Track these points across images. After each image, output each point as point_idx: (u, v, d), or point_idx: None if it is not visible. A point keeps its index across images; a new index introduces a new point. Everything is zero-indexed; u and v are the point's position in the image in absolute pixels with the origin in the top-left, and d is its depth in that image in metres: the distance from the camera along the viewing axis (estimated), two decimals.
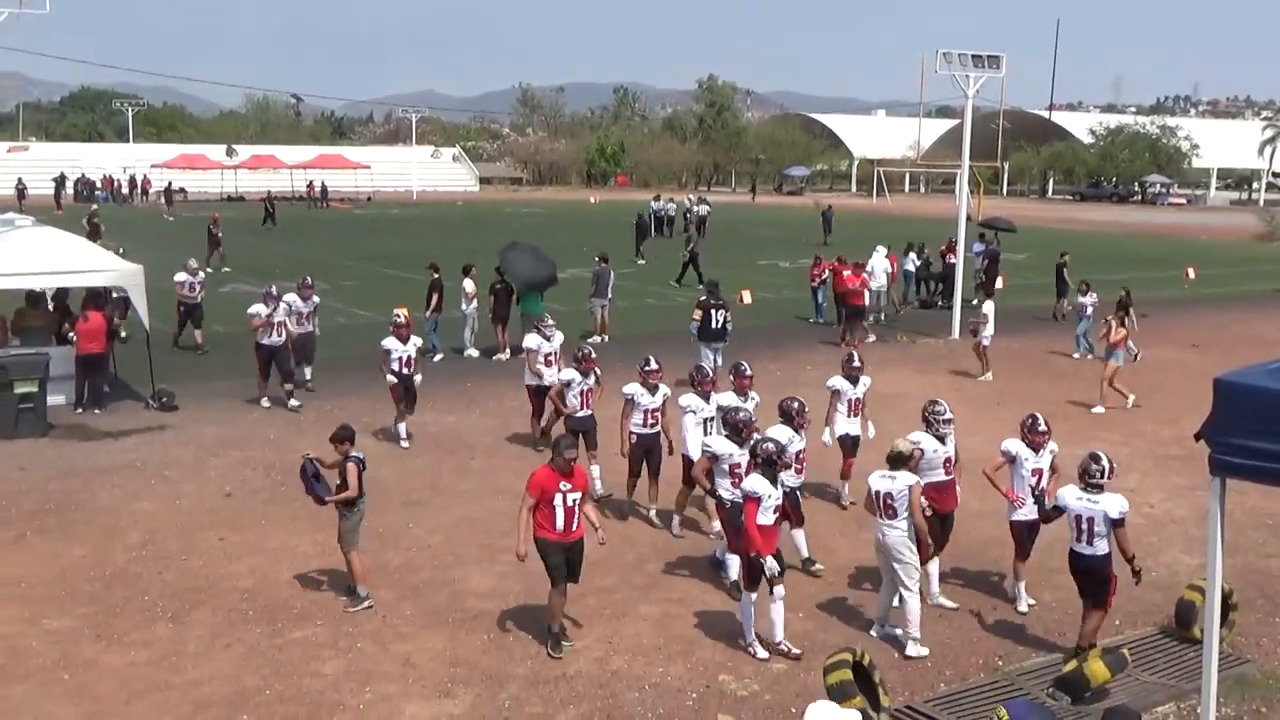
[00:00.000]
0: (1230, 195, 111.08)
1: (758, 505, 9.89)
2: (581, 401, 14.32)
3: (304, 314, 20.01)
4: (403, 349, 16.46)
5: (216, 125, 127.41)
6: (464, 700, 9.27)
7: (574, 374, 14.40)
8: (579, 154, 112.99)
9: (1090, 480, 9.79)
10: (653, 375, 13.39)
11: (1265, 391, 4.33)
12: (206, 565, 11.99)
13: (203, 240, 37.51)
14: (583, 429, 13.98)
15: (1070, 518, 9.87)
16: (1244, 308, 32.99)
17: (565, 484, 9.92)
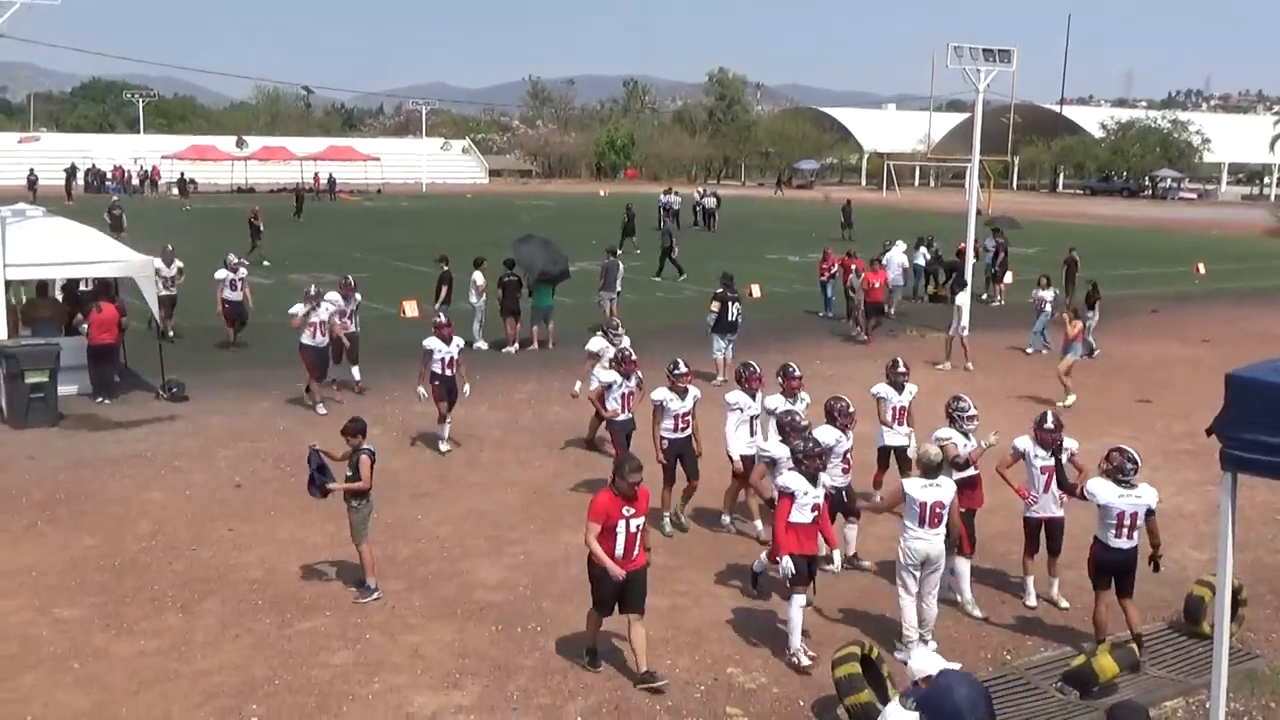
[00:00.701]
0: (1242, 190, 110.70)
1: (791, 502, 9.77)
2: (623, 404, 13.96)
3: (347, 313, 19.40)
4: (446, 349, 15.84)
5: (227, 116, 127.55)
6: (472, 691, 9.28)
7: (615, 376, 14.09)
8: (589, 147, 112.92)
9: (1124, 478, 9.77)
10: (682, 379, 12.92)
11: (1277, 387, 4.31)
12: (216, 555, 12.02)
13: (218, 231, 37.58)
14: (625, 433, 13.80)
15: (1111, 515, 9.81)
16: (1255, 303, 32.90)
17: (629, 509, 9.27)
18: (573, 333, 24.59)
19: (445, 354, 15.81)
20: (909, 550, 9.89)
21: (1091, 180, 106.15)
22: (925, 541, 9.89)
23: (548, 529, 13.07)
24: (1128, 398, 20.15)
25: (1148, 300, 32.72)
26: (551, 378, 20.48)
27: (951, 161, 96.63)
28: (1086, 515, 12.81)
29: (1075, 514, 11.37)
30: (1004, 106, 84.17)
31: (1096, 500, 9.86)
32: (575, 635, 10.28)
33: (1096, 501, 9.86)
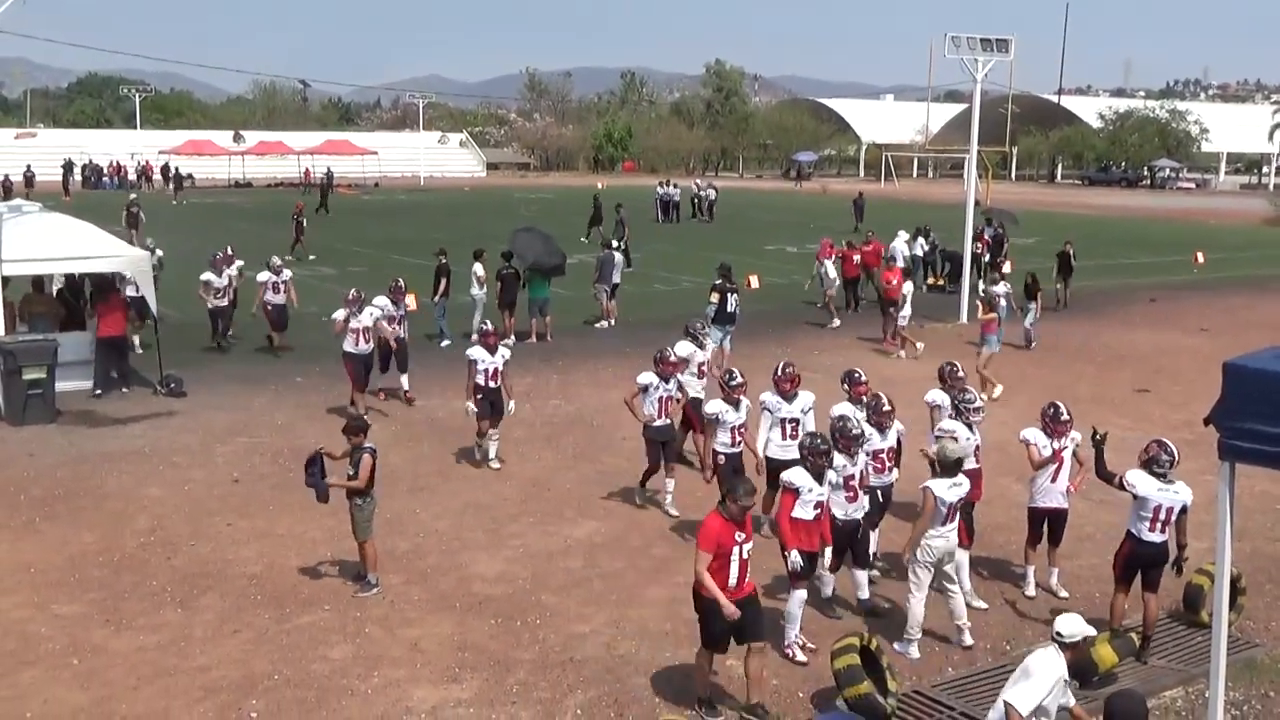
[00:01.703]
0: (1240, 179, 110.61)
1: (795, 498, 9.70)
2: (660, 409, 13.21)
3: (396, 318, 18.36)
4: (490, 359, 14.60)
5: (224, 111, 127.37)
6: (472, 685, 9.28)
7: (651, 378, 13.24)
8: (586, 139, 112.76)
9: (1159, 470, 9.76)
10: (737, 390, 12.33)
11: (1275, 376, 4.30)
12: (214, 551, 12.02)
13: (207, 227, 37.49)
14: (662, 440, 13.20)
15: (1148, 507, 9.78)
16: (1253, 292, 32.88)
17: (740, 534, 8.61)
18: (570, 326, 24.62)
19: (489, 364, 14.60)
20: (929, 548, 9.84)
21: (1090, 171, 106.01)
22: (944, 539, 9.90)
23: (547, 522, 13.07)
24: (1126, 387, 20.14)
25: (1146, 289, 32.72)
26: (549, 370, 20.48)
27: (950, 152, 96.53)
28: (1086, 507, 12.85)
29: (1074, 505, 11.36)
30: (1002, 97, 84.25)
31: (1135, 491, 9.81)
32: (574, 628, 10.29)
33: (1135, 493, 9.81)
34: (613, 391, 18.99)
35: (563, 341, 23.11)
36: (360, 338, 17.00)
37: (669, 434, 13.30)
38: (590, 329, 25.06)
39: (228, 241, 26.16)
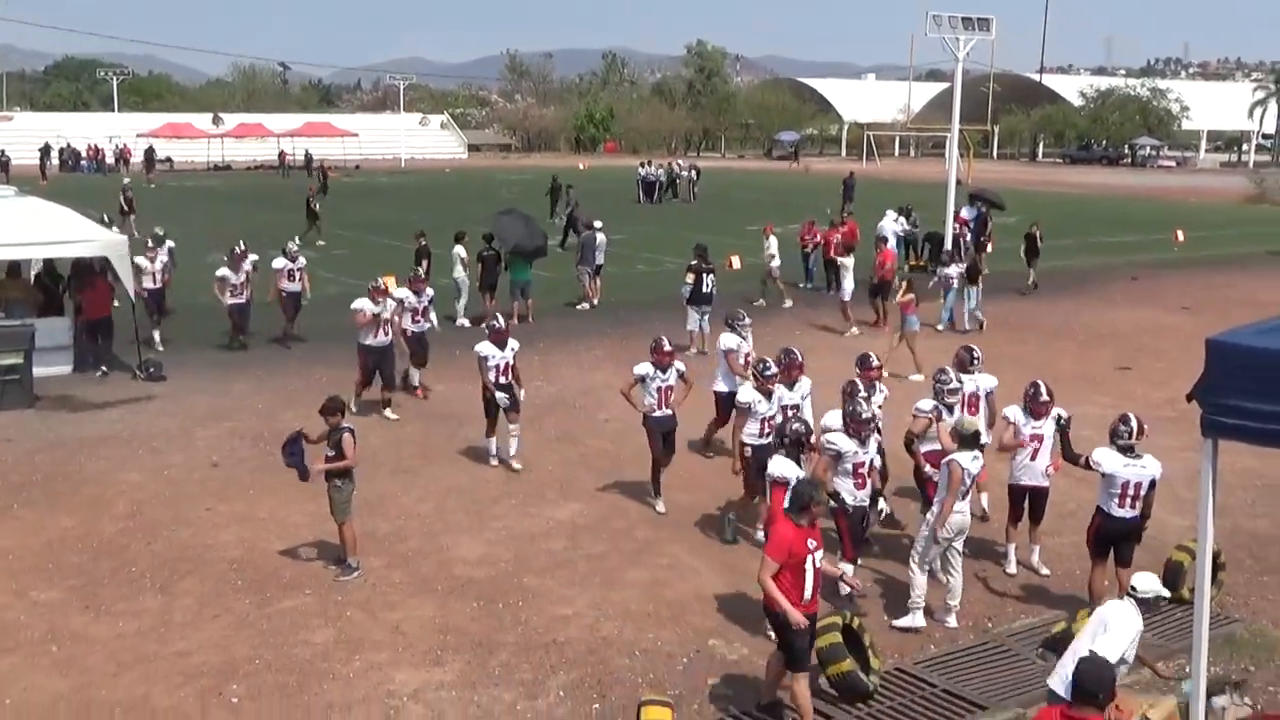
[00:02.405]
0: (1220, 157, 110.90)
1: (786, 490, 9.49)
2: (660, 399, 12.68)
3: (418, 310, 17.67)
4: (500, 355, 14.05)
5: (203, 94, 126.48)
6: (454, 668, 9.26)
7: (647, 368, 12.72)
8: (568, 120, 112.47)
9: (1120, 441, 9.79)
10: (771, 380, 11.82)
11: (1257, 351, 4.29)
12: (194, 535, 11.95)
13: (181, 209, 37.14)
14: (663, 430, 12.77)
15: (1116, 484, 9.83)
16: (1234, 269, 32.98)
17: (812, 540, 8.14)
18: (552, 308, 24.55)
19: (500, 359, 14.05)
20: (949, 524, 9.85)
21: (1071, 149, 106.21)
22: (962, 514, 9.95)
23: (529, 504, 13.03)
24: (1108, 365, 20.20)
25: (1127, 268, 32.78)
26: (530, 352, 20.37)
27: (931, 131, 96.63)
28: (1067, 484, 12.87)
29: (1055, 482, 11.38)
30: (983, 76, 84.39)
31: (1102, 469, 9.87)
32: (556, 610, 10.27)
33: (1101, 471, 9.87)
34: (595, 374, 19.00)
35: (544, 323, 23.04)
36: (380, 330, 16.33)
37: (670, 424, 12.81)
38: (572, 310, 25.00)
39: (207, 226, 26.03)
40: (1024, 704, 8.65)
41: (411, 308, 17.43)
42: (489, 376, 13.96)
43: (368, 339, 16.24)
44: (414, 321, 17.48)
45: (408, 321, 17.26)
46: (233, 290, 20.38)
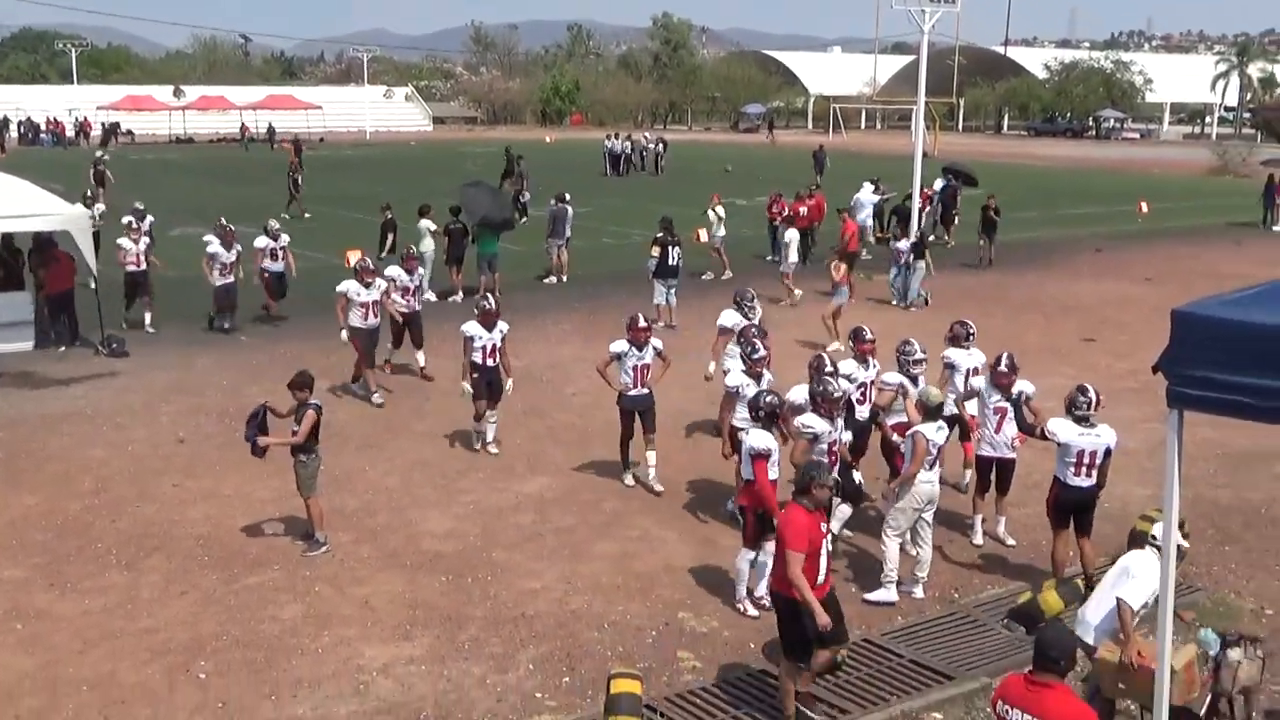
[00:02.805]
0: (1183, 129, 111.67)
1: (767, 461, 9.60)
2: (636, 378, 12.40)
3: (410, 289, 17.17)
4: (487, 336, 13.52)
5: (163, 66, 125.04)
6: (423, 642, 9.25)
7: (623, 345, 12.43)
8: (533, 93, 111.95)
9: (1078, 412, 9.86)
10: (759, 363, 11.54)
11: (1223, 323, 4.32)
12: (160, 512, 11.87)
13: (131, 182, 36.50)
14: (638, 409, 12.49)
15: (1071, 453, 9.89)
16: (1197, 241, 33.25)
17: (824, 524, 8.00)
18: (519, 281, 24.47)
19: (487, 341, 13.54)
20: (918, 494, 9.90)
21: (1035, 122, 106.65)
22: (931, 484, 9.99)
23: (497, 478, 13.02)
24: (1072, 336, 20.34)
25: (1092, 240, 32.99)
26: None
27: (897, 104, 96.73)
28: (1033, 455, 12.97)
29: (1021, 454, 11.46)
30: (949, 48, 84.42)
31: (1057, 439, 9.93)
32: (525, 584, 10.28)
33: (1057, 440, 9.93)
34: (562, 348, 18.97)
35: (512, 297, 22.93)
36: (370, 312, 15.82)
37: (646, 403, 12.49)
38: (539, 284, 24.93)
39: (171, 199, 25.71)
40: (990, 674, 8.73)
41: (403, 286, 16.93)
42: (474, 358, 13.48)
43: (358, 322, 15.75)
44: (405, 301, 16.93)
45: (399, 300, 16.77)
46: (222, 269, 19.51)
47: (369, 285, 15.85)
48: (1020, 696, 5.74)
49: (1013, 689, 5.81)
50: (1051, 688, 5.71)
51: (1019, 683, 5.80)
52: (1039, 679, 5.74)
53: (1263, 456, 14.00)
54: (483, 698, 8.46)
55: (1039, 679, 5.74)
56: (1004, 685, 5.89)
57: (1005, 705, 5.77)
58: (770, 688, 8.52)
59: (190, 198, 38.88)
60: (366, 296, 15.78)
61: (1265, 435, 14.32)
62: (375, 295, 15.93)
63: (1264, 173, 39.70)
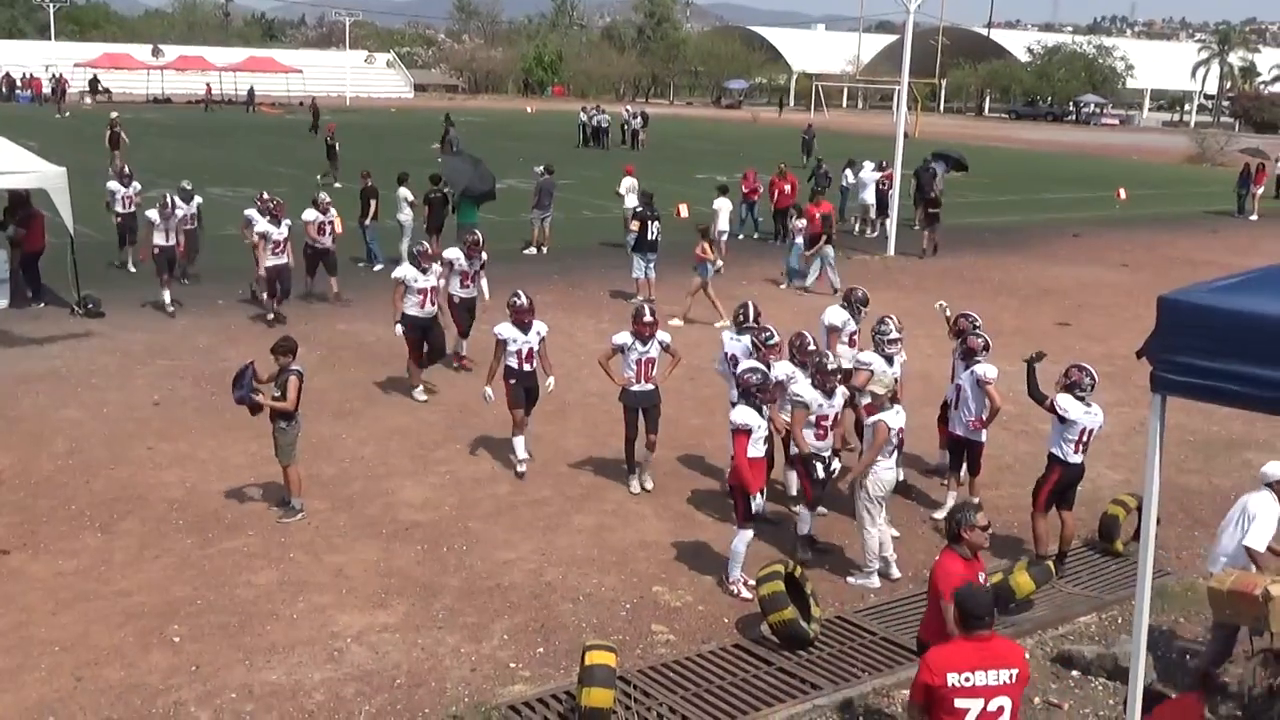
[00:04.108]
0: (1163, 116, 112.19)
1: (748, 438, 9.51)
2: (639, 372, 11.74)
3: (469, 274, 15.75)
4: (524, 339, 12.11)
5: (142, 24, 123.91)
6: (397, 610, 9.26)
7: (627, 337, 11.78)
8: (516, 62, 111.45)
9: (1082, 394, 9.99)
10: (772, 350, 11.21)
11: (1209, 310, 4.36)
12: (135, 475, 11.82)
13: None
14: (640, 406, 11.80)
15: (1075, 430, 10.01)
16: (1174, 228, 33.45)
17: (981, 574, 7.23)
18: (499, 252, 24.38)
19: (524, 345, 12.11)
20: (881, 482, 9.87)
21: (1017, 105, 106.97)
22: (892, 470, 9.99)
23: (473, 447, 13.02)
24: (1048, 320, 20.44)
25: (1070, 224, 33.13)
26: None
27: (880, 83, 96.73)
28: (1006, 437, 13.09)
29: (994, 436, 11.53)
30: (932, 29, 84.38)
31: (1067, 415, 9.98)
32: (500, 554, 10.31)
33: (1067, 416, 9.98)
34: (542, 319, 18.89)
35: (491, 268, 22.72)
36: (428, 299, 14.59)
37: (650, 400, 11.83)
38: (520, 255, 24.87)
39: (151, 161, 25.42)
40: None
41: (461, 271, 15.62)
42: (509, 362, 12.10)
43: (414, 310, 14.56)
44: (463, 286, 15.72)
45: (455, 286, 15.63)
46: (274, 249, 17.84)
47: (427, 270, 14.72)
48: (974, 660, 5.81)
49: (960, 657, 5.84)
50: (994, 638, 5.92)
51: (964, 649, 5.86)
52: (982, 636, 5.87)
53: (1232, 443, 14.15)
54: (456, 667, 8.49)
55: (982, 636, 5.87)
56: (944, 659, 5.85)
57: (959, 675, 5.79)
58: (745, 662, 8.58)
59: (173, 159, 38.54)
60: (425, 283, 14.59)
61: (1236, 422, 14.52)
62: (434, 281, 14.77)
63: (1241, 161, 39.91)
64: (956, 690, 5.78)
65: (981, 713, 5.81)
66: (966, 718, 5.81)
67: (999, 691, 5.81)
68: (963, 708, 5.79)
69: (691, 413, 14.05)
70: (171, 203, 18.62)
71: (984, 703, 5.80)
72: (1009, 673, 5.83)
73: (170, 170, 34.20)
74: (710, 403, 14.21)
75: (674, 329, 16.34)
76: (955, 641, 5.95)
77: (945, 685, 5.78)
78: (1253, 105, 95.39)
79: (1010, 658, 5.90)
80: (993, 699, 5.80)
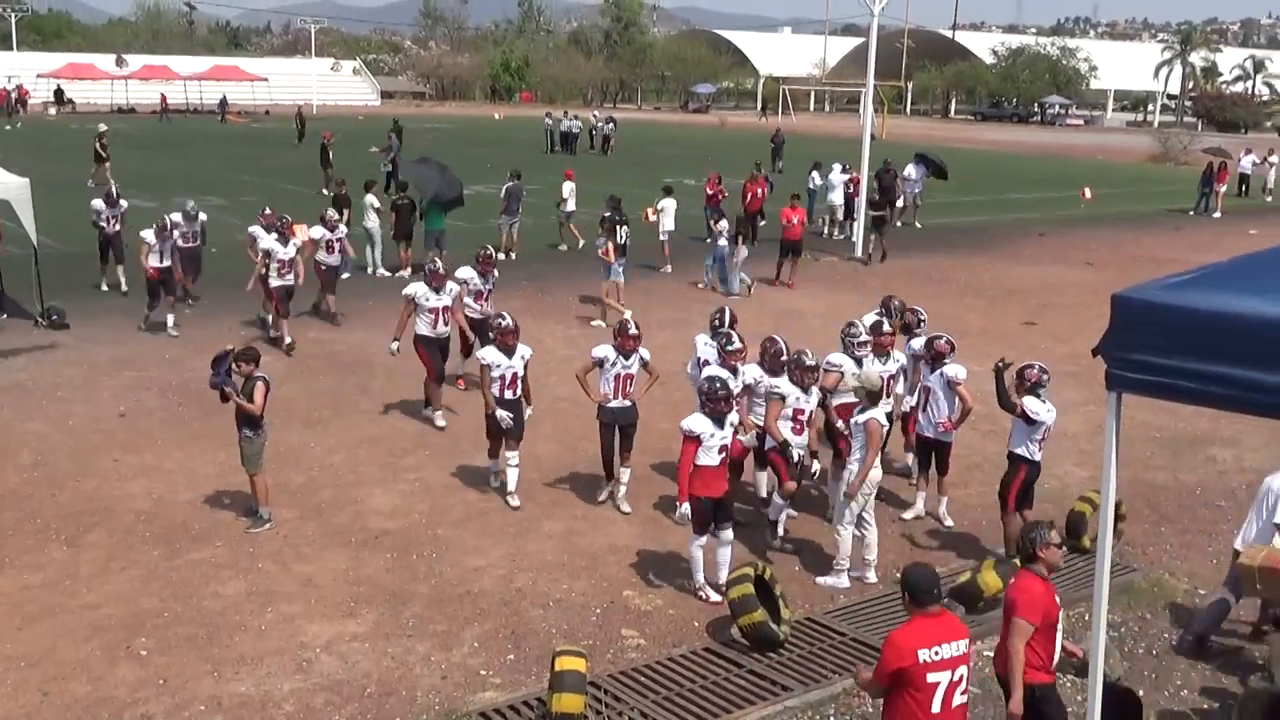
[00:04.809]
0: (1126, 116, 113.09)
1: (697, 445, 9.38)
2: (617, 387, 11.37)
3: (483, 293, 15.30)
4: (507, 363, 11.44)
5: (105, 33, 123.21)
6: (367, 619, 9.23)
7: (608, 351, 11.39)
8: (483, 68, 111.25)
9: (1042, 392, 10.10)
10: (735, 355, 11.11)
11: (1162, 307, 4.41)
12: (101, 487, 11.74)
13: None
14: (618, 423, 11.47)
15: (1040, 430, 10.12)
16: (1138, 227, 33.71)
17: (1058, 596, 6.90)
18: (468, 257, 24.27)
19: (507, 370, 11.45)
20: (870, 481, 9.87)
21: (982, 106, 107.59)
22: (878, 469, 9.99)
23: (443, 456, 12.99)
24: (1014, 320, 20.58)
25: (1035, 224, 33.34)
26: None
27: (846, 86, 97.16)
28: (974, 437, 13.16)
29: (962, 436, 11.60)
30: (898, 31, 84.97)
31: (1038, 418, 10.05)
32: (470, 561, 10.29)
33: (1038, 419, 10.05)
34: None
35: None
36: (439, 319, 13.99)
37: (628, 417, 11.48)
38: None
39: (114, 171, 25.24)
40: None
41: (475, 290, 15.13)
42: (493, 390, 11.46)
43: (425, 330, 14.00)
44: (478, 305, 15.16)
45: (471, 304, 15.05)
46: (280, 269, 17.14)
47: (439, 290, 14.09)
48: (937, 634, 6.00)
49: (926, 634, 5.99)
50: (944, 612, 6.15)
51: (926, 625, 6.02)
52: (935, 611, 6.06)
53: (1197, 440, 14.28)
54: (426, 675, 8.47)
55: (935, 611, 6.06)
56: (910, 638, 5.97)
57: (930, 651, 5.93)
58: (715, 665, 8.60)
59: (137, 169, 38.26)
60: (436, 302, 13.97)
61: (1201, 419, 14.65)
62: (446, 300, 14.09)
63: (1203, 161, 40.29)
64: (928, 665, 5.93)
65: (949, 684, 5.99)
66: (937, 691, 5.96)
67: (961, 661, 6.04)
68: (934, 681, 5.96)
69: (661, 417, 14.05)
70: (170, 224, 18.02)
71: (951, 673, 5.99)
72: (964, 642, 6.08)
73: (135, 181, 34.01)
74: (680, 407, 14.14)
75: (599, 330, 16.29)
76: (914, 620, 6.10)
77: (917, 663, 5.92)
78: (1215, 105, 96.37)
79: (961, 629, 6.16)
80: (956, 669, 6.02)
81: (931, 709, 5.96)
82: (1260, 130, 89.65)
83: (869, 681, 6.28)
